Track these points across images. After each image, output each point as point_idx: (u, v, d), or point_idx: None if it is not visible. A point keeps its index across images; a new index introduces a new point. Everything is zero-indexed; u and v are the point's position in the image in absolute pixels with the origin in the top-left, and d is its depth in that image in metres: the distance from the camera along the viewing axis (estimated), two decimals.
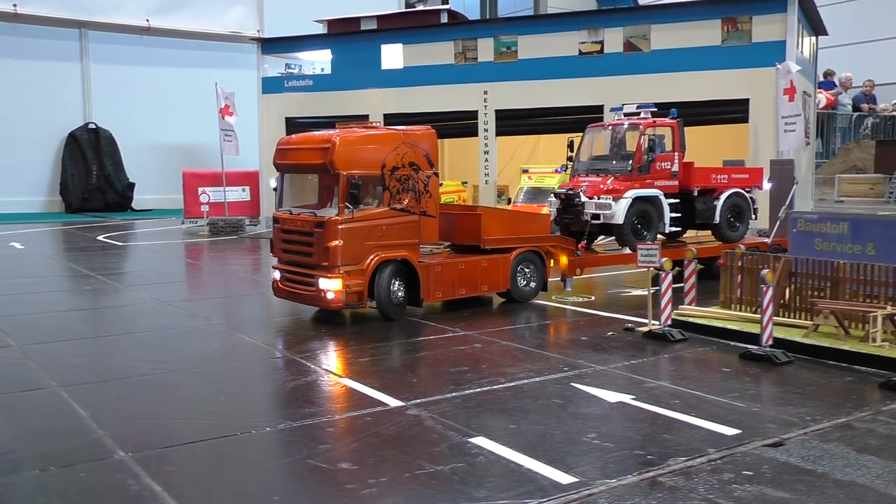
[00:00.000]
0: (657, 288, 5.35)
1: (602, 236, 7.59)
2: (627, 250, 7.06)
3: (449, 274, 5.95)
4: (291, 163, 5.94)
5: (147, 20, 17.19)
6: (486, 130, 12.23)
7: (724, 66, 10.73)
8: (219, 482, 2.90)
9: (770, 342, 4.65)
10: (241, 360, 4.73)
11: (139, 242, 11.94)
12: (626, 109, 7.65)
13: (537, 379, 4.26)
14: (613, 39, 11.37)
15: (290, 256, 5.81)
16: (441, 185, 12.11)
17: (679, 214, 7.29)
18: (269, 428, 3.48)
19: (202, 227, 12.74)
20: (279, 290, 5.92)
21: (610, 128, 7.56)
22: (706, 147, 12.48)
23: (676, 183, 7.33)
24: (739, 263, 5.61)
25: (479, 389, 4.05)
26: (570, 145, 7.76)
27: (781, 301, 5.32)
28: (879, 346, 4.54)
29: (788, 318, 5.24)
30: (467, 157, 13.10)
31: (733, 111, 10.82)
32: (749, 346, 4.76)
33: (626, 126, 7.43)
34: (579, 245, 6.77)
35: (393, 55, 12.82)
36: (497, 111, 12.11)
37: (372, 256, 5.52)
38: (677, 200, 7.29)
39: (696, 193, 7.50)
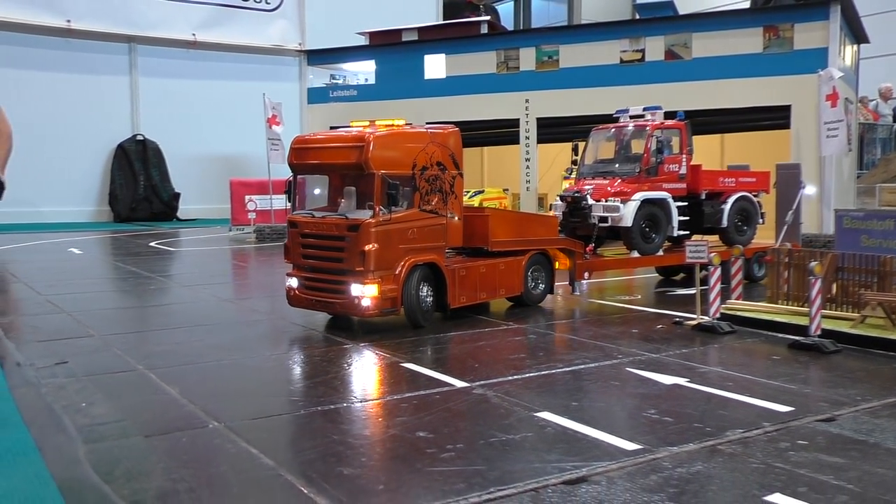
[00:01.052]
0: (704, 287, 5.56)
1: (608, 240, 7.46)
2: (636, 254, 7.01)
3: (472, 278, 5.80)
4: (314, 162, 5.60)
5: (193, 34, 17.71)
6: (527, 138, 12.51)
7: (765, 74, 10.91)
8: (307, 447, 3.16)
9: (818, 332, 4.84)
10: (309, 348, 5.01)
11: (189, 248, 12.36)
12: (633, 111, 7.57)
13: (593, 364, 4.50)
14: (655, 48, 11.60)
15: (312, 262, 5.45)
16: (483, 191, 12.47)
17: (687, 218, 7.22)
18: (346, 404, 3.75)
19: (249, 233, 13.14)
20: (296, 299, 5.55)
21: (617, 130, 7.48)
22: (748, 153, 12.63)
23: (684, 186, 7.28)
24: (787, 259, 5.80)
25: (538, 373, 4.30)
26: (575, 148, 7.68)
27: (829, 295, 5.49)
28: None
29: (836, 311, 5.42)
30: (508, 164, 13.38)
31: (775, 118, 10.97)
32: (797, 337, 4.95)
33: (633, 128, 7.36)
34: (587, 248, 6.71)
35: (436, 65, 13.18)
36: (538, 119, 12.39)
37: (404, 260, 5.28)
38: (685, 204, 7.24)
39: (703, 197, 7.45)
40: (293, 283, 5.56)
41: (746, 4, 13.51)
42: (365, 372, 4.35)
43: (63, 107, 16.22)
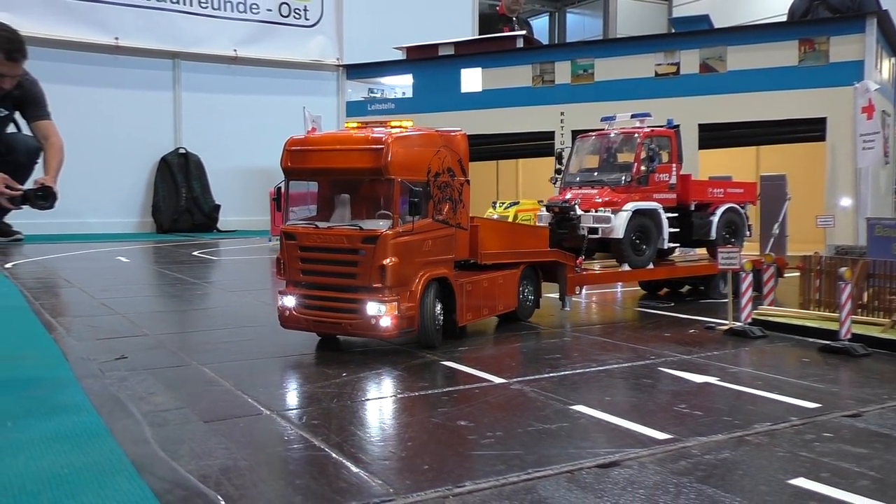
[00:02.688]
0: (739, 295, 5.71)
1: (595, 252, 7.05)
2: (626, 267, 6.68)
3: (476, 292, 5.34)
4: (317, 167, 4.94)
5: (235, 50, 18.19)
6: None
7: (801, 86, 11.02)
8: (356, 432, 3.38)
9: (848, 336, 4.97)
10: (351, 347, 5.23)
11: (231, 257, 12.73)
12: (620, 118, 7.23)
13: (626, 364, 4.68)
14: (689, 61, 11.75)
15: (314, 279, 4.87)
16: (518, 202, 12.66)
17: (677, 230, 6.91)
18: (389, 396, 3.97)
19: None
20: (292, 320, 4.95)
21: (605, 137, 7.08)
22: (784, 165, 12.69)
23: (674, 196, 6.95)
24: (818, 267, 5.93)
25: (573, 371, 4.49)
26: (559, 156, 7.29)
27: (860, 302, 5.61)
28: None
29: (867, 317, 5.53)
30: (542, 176, 13.56)
31: (810, 130, 11.06)
32: (827, 342, 5.08)
33: (622, 135, 6.97)
34: (578, 261, 6.30)
35: (472, 79, 13.46)
36: (573, 132, 12.56)
37: (420, 275, 4.79)
38: (675, 215, 6.92)
39: (693, 208, 7.13)
40: (288, 302, 4.93)
41: (781, 17, 13.57)
42: (409, 368, 4.55)
43: (109, 121, 16.75)
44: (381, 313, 4.61)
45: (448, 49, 14.24)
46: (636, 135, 6.83)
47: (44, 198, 11.01)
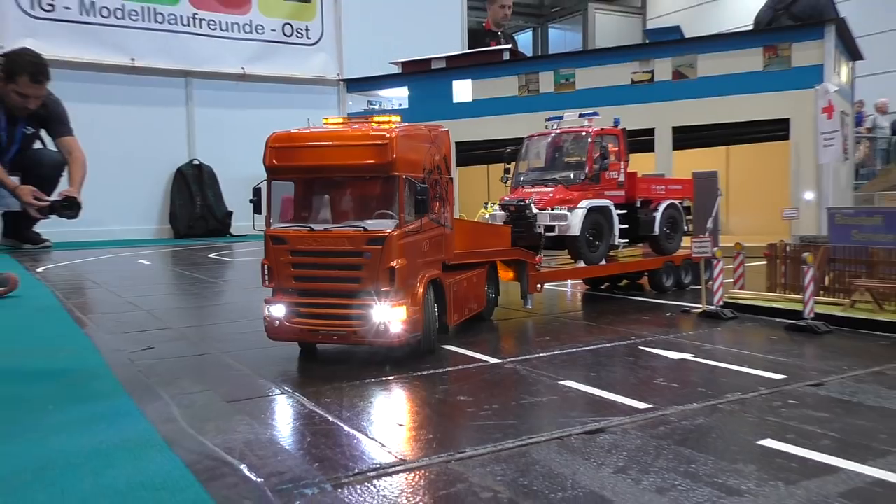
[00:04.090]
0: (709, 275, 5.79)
1: (549, 250, 6.55)
2: (581, 263, 6.35)
3: (460, 293, 4.95)
4: (309, 165, 4.26)
5: (242, 68, 18.24)
6: None
7: (766, 90, 11.11)
8: (365, 409, 3.44)
9: (812, 315, 5.05)
10: None
11: (244, 258, 12.77)
12: (567, 117, 6.86)
13: (609, 344, 4.76)
14: (663, 69, 11.85)
15: (310, 285, 4.21)
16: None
17: (626, 226, 6.64)
18: (396, 377, 4.03)
19: None
20: (283, 331, 4.30)
21: (555, 136, 6.71)
22: (752, 163, 12.79)
23: (623, 193, 6.67)
24: (784, 254, 6.02)
25: (561, 352, 4.57)
26: (509, 156, 6.85)
27: (822, 285, 5.70)
28: None
29: (829, 298, 5.62)
30: None
31: (776, 130, 11.15)
32: (793, 321, 5.17)
33: (573, 134, 6.60)
34: (537, 258, 5.97)
35: (463, 90, 13.53)
36: None
37: (420, 277, 4.31)
38: (625, 211, 6.66)
39: (639, 204, 6.85)
40: (276, 311, 4.25)
41: (747, 27, 13.66)
42: (408, 351, 4.60)
43: (128, 136, 16.81)
44: (389, 319, 4.05)
45: (440, 63, 14.32)
46: (587, 133, 6.53)
47: (69, 207, 11.12)
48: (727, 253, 5.90)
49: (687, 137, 11.78)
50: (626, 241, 6.76)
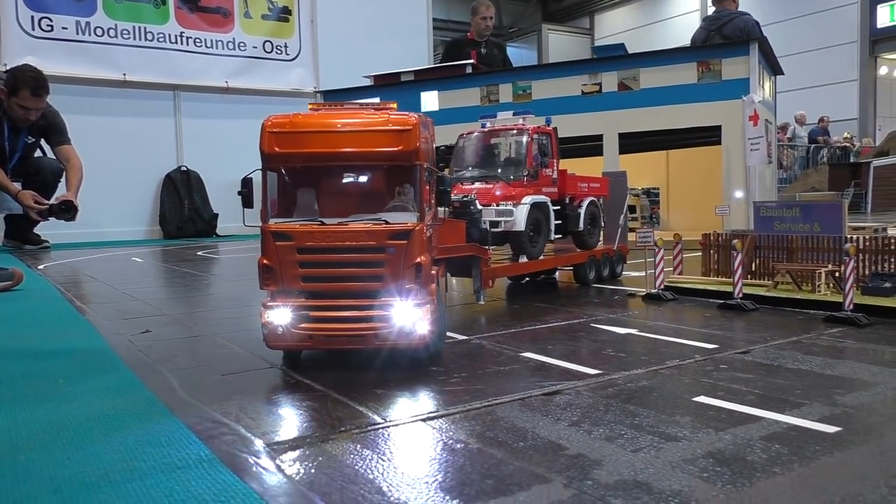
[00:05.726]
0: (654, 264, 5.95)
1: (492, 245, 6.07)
2: (524, 259, 5.97)
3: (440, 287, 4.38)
4: (318, 152, 3.45)
5: (226, 82, 18.10)
6: None
7: (700, 100, 11.38)
8: (350, 378, 3.50)
9: (741, 295, 5.24)
10: None
11: (231, 256, 12.69)
12: (501, 115, 6.46)
13: (564, 322, 4.88)
14: (609, 81, 12.06)
15: (322, 286, 3.47)
16: None
17: (560, 222, 6.33)
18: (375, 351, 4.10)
19: None
20: (290, 339, 3.52)
21: (492, 134, 6.30)
22: (688, 167, 13.07)
23: (556, 190, 6.31)
24: (717, 243, 6.21)
25: (521, 329, 4.68)
26: (444, 153, 6.43)
27: (750, 270, 5.90)
28: (823, 294, 5.13)
29: (755, 281, 5.82)
30: None
31: (709, 136, 11.43)
32: (724, 301, 5.35)
33: (511, 131, 6.17)
34: (487, 254, 5.46)
35: (430, 100, 13.61)
36: None
37: (435, 272, 3.68)
38: (559, 208, 6.32)
39: (568, 201, 6.52)
40: (279, 317, 3.49)
41: (684, 44, 13.94)
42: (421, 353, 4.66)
43: (120, 145, 16.60)
44: (414, 319, 3.53)
45: (409, 76, 14.37)
46: (526, 130, 6.12)
47: (67, 211, 11.14)
48: (667, 246, 6.06)
49: (631, 143, 12.01)
50: (560, 235, 6.45)
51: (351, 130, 3.46)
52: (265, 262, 3.47)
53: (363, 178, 3.76)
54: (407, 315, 3.47)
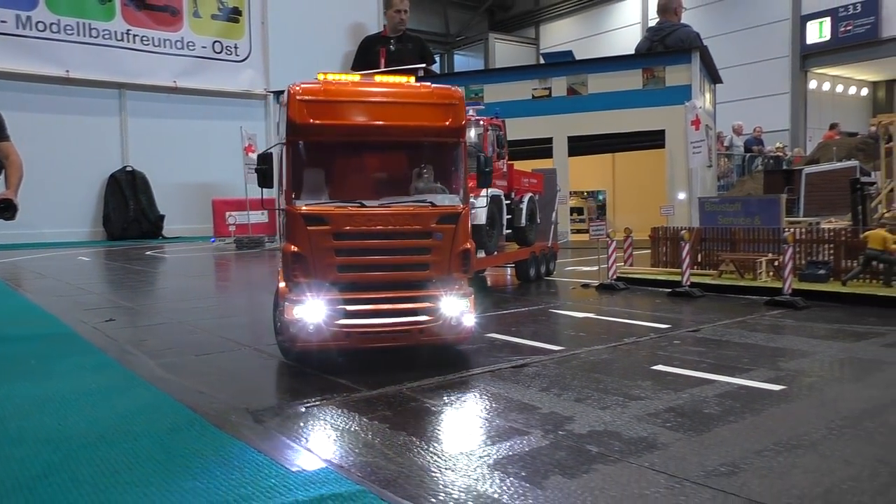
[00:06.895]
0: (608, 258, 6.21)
1: None
2: (482, 253, 5.59)
3: None
4: (360, 124, 3.05)
5: (174, 81, 17.79)
6: None
7: (645, 105, 11.81)
8: (324, 355, 3.59)
9: (688, 283, 5.53)
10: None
11: (180, 255, 12.51)
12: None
13: (525, 309, 5.06)
14: (559, 86, 12.40)
15: (363, 276, 3.06)
16: None
17: (510, 217, 6.19)
18: None
19: (230, 243, 13.36)
20: (326, 338, 3.13)
21: None
22: (633, 169, 13.50)
23: (506, 184, 6.19)
24: (665, 237, 6.52)
25: (489, 314, 4.81)
26: None
27: (696, 261, 6.21)
28: (764, 281, 5.47)
29: (702, 271, 6.14)
30: None
31: (653, 139, 11.87)
32: (673, 289, 5.63)
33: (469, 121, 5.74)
34: None
35: None
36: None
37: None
38: (509, 202, 6.19)
39: (513, 195, 6.37)
40: (311, 313, 3.02)
41: (629, 52, 14.44)
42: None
43: (63, 143, 16.14)
44: (463, 311, 3.10)
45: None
46: (480, 121, 5.87)
47: (6, 209, 10.60)
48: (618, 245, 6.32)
49: (580, 145, 12.37)
50: (510, 230, 6.11)
51: (395, 102, 3.05)
52: (294, 249, 2.90)
53: (400, 156, 3.22)
54: (454, 307, 3.03)
